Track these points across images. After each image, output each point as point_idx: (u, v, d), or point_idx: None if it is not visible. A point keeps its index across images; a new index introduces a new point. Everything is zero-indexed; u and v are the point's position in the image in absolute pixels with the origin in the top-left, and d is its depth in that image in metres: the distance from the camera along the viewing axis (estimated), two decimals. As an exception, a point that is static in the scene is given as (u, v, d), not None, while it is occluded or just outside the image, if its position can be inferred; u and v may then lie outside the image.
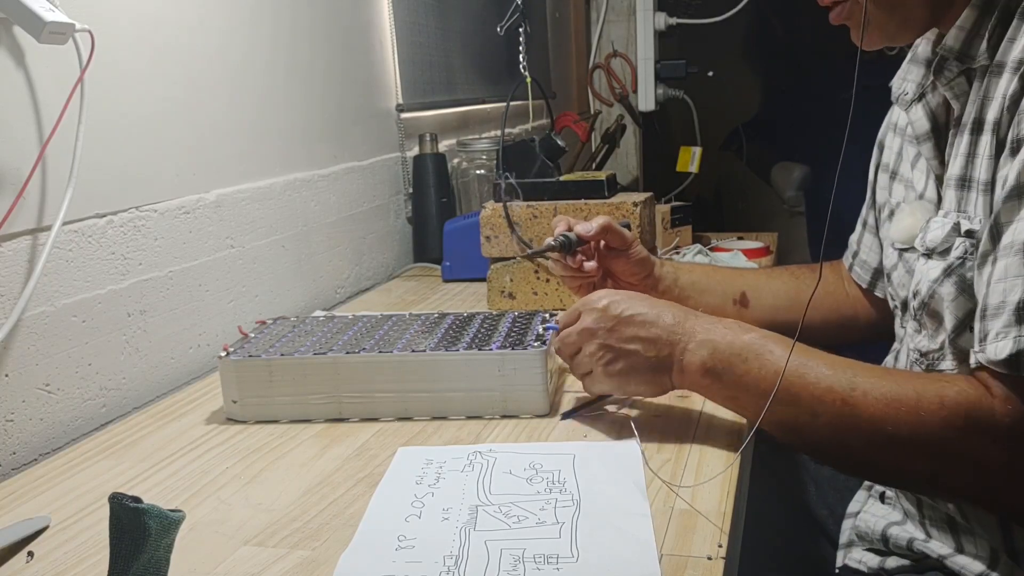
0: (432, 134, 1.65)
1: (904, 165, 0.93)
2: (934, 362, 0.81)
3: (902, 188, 0.93)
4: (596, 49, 2.25)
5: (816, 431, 0.74)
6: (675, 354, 0.80)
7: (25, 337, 0.88)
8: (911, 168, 0.91)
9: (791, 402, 0.74)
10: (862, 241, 1.06)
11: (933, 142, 0.84)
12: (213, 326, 1.14)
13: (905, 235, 0.86)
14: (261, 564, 0.64)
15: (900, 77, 0.90)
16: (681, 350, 0.80)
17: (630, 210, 1.22)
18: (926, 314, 0.80)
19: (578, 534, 0.66)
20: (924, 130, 0.85)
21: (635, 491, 0.71)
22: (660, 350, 0.81)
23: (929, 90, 0.85)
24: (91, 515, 0.73)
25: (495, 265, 1.29)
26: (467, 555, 0.63)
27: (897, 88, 0.90)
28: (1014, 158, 0.69)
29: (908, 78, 0.88)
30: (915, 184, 0.89)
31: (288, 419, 0.91)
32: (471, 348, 0.89)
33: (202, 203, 1.13)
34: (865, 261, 1.05)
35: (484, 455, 0.80)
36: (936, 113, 0.84)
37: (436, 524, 0.68)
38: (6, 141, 0.86)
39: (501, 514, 0.69)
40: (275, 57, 1.28)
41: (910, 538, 0.88)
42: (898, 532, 0.89)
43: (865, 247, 1.05)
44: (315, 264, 1.38)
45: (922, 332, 0.82)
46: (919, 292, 0.81)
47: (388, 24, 1.60)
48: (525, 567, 0.61)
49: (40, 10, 0.82)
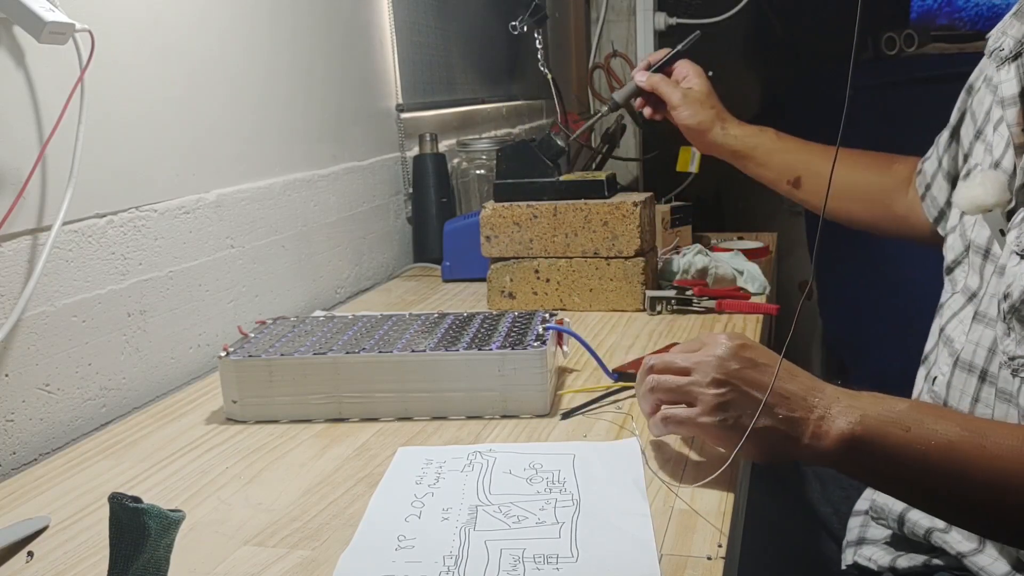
0: (432, 134, 1.65)
1: (989, 126, 0.88)
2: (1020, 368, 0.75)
3: (982, 150, 0.88)
4: (596, 49, 2.25)
5: (1000, 509, 0.67)
6: (811, 418, 0.69)
7: (25, 337, 0.88)
8: (993, 131, 0.86)
9: (959, 476, 0.66)
10: (936, 178, 1.01)
11: (1019, 107, 0.79)
12: (213, 326, 1.14)
13: (970, 205, 0.80)
14: (261, 564, 0.64)
15: (999, 30, 0.85)
16: (819, 416, 0.69)
17: (630, 210, 1.22)
18: (1017, 319, 0.74)
19: (578, 534, 0.66)
20: (1012, 93, 0.80)
21: (635, 491, 0.71)
22: (792, 409, 0.69)
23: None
24: (91, 515, 0.73)
25: (495, 265, 1.29)
26: (467, 555, 0.63)
27: (994, 41, 0.85)
28: None
29: (1008, 32, 0.83)
30: (993, 149, 0.84)
31: (288, 419, 0.91)
32: (471, 348, 0.89)
33: (202, 203, 1.13)
34: (936, 197, 1.01)
35: (484, 455, 0.80)
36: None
37: (436, 524, 0.68)
38: (6, 141, 0.86)
39: (501, 514, 0.69)
40: (275, 57, 1.28)
41: (929, 527, 0.85)
42: (917, 517, 0.87)
43: (937, 186, 1.01)
44: (315, 264, 1.38)
45: (1011, 335, 0.76)
46: (1011, 295, 0.74)
47: (388, 24, 1.60)
48: (525, 567, 0.61)
49: (40, 10, 0.82)
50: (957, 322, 0.85)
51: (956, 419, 0.69)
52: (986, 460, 0.66)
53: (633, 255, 1.24)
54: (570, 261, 1.26)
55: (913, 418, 0.68)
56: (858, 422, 0.68)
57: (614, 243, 1.24)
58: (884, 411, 0.69)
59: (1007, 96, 0.81)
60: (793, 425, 0.69)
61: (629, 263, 1.24)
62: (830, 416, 0.69)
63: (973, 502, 0.68)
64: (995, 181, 0.80)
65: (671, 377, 0.73)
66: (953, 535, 0.83)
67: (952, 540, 0.83)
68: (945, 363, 0.85)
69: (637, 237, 1.22)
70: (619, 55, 2.21)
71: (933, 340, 0.91)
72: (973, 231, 0.85)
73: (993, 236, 0.82)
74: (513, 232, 1.27)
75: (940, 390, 0.85)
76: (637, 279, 1.24)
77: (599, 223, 1.23)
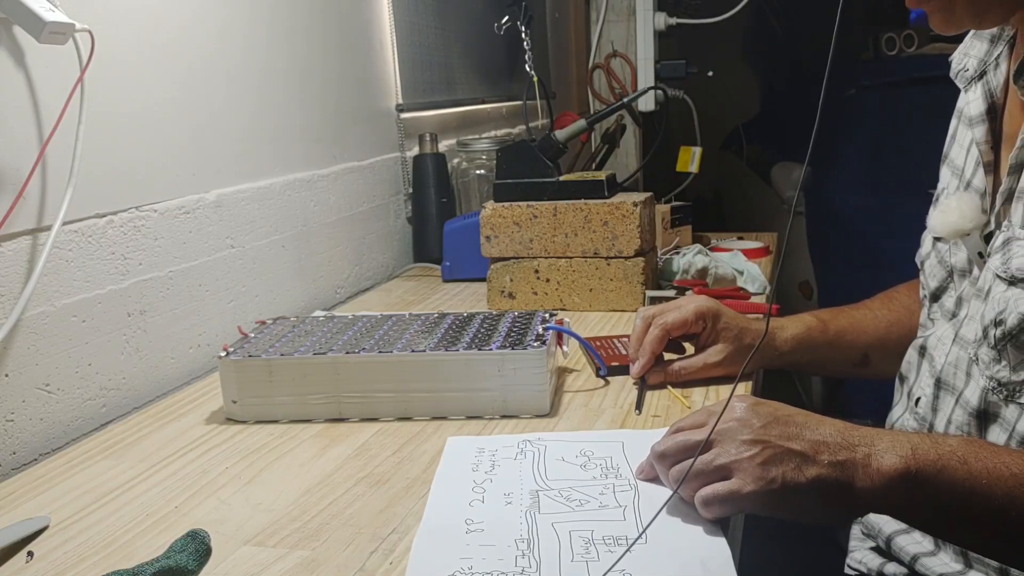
0: (432, 134, 1.65)
1: (956, 148, 0.87)
2: (1013, 394, 0.73)
3: (948, 174, 0.88)
4: (596, 49, 2.25)
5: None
6: (856, 458, 0.63)
7: (25, 337, 0.88)
8: (965, 152, 0.84)
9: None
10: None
11: (987, 125, 0.79)
12: (213, 326, 1.14)
13: (948, 231, 0.79)
14: (261, 564, 0.64)
15: (961, 52, 0.85)
16: (865, 454, 0.63)
17: (630, 210, 1.22)
18: (1012, 346, 0.72)
19: (643, 517, 0.66)
20: (979, 111, 0.80)
21: None
22: (835, 453, 0.63)
23: (991, 68, 0.80)
24: (91, 515, 0.73)
25: (495, 265, 1.29)
26: (537, 537, 0.64)
27: (957, 64, 0.85)
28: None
29: (970, 53, 0.83)
30: (965, 170, 0.83)
31: (288, 419, 0.91)
32: (471, 348, 0.89)
33: (202, 203, 1.13)
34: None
35: (533, 443, 0.81)
36: (995, 94, 0.79)
37: (500, 508, 0.69)
38: (6, 141, 0.86)
39: (562, 498, 0.70)
40: (275, 57, 1.28)
41: (916, 553, 0.84)
42: (904, 543, 0.86)
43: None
44: (315, 264, 1.38)
45: (1002, 362, 0.73)
46: (1004, 322, 0.72)
47: (388, 24, 1.60)
48: (597, 550, 0.62)
49: (40, 10, 0.82)
50: (937, 340, 0.85)
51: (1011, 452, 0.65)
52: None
53: (633, 255, 1.24)
54: (570, 261, 1.26)
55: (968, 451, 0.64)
56: (910, 455, 0.63)
57: (614, 243, 1.23)
58: (935, 444, 0.64)
59: (974, 115, 0.81)
60: (843, 468, 0.63)
61: (629, 263, 1.24)
62: (877, 453, 0.64)
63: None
64: (970, 204, 0.79)
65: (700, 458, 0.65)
66: (935, 560, 0.82)
67: (933, 564, 0.82)
68: (927, 383, 0.85)
69: (637, 237, 1.22)
70: (619, 55, 2.21)
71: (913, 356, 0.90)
72: (951, 256, 0.85)
73: (971, 259, 0.81)
74: (513, 232, 1.27)
75: (925, 412, 0.84)
76: (637, 279, 1.24)
77: (599, 223, 1.23)
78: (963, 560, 0.81)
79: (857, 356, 1.00)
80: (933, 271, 0.87)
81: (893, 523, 0.88)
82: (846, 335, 1.00)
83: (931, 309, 0.88)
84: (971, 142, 0.83)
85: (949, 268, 0.85)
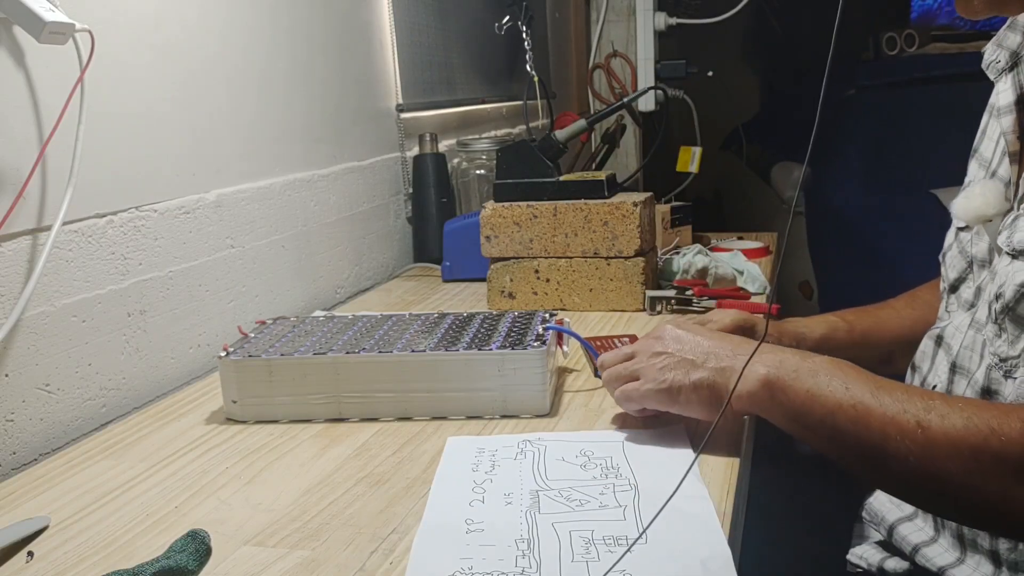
0: (432, 134, 1.65)
1: (985, 142, 0.88)
2: (1012, 369, 0.75)
3: (976, 166, 0.88)
4: (596, 49, 2.25)
5: (888, 459, 0.68)
6: (735, 365, 0.76)
7: (25, 337, 0.88)
8: (994, 144, 0.85)
9: (860, 422, 0.69)
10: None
11: (1015, 115, 0.79)
12: (213, 326, 1.14)
13: (971, 216, 0.81)
14: (261, 564, 0.64)
15: (995, 43, 0.85)
16: (742, 363, 0.75)
17: (630, 210, 1.22)
18: (1010, 319, 0.74)
19: (643, 517, 0.67)
20: (1008, 102, 0.80)
21: (690, 474, 0.71)
22: (719, 361, 0.78)
23: (1023, 59, 0.80)
24: (91, 515, 0.73)
25: (495, 265, 1.29)
26: (537, 537, 0.64)
27: (989, 55, 0.85)
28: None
29: (1003, 44, 0.83)
30: (992, 161, 0.84)
31: (288, 419, 0.91)
32: (471, 348, 0.89)
33: (202, 203, 1.13)
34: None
35: (533, 443, 0.81)
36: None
37: (500, 508, 0.69)
38: (6, 141, 0.86)
39: (562, 498, 0.70)
40: (275, 57, 1.28)
41: (916, 544, 0.85)
42: (907, 532, 0.87)
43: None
44: (315, 264, 1.38)
45: (1002, 336, 0.75)
46: (1003, 295, 0.74)
47: (388, 24, 1.60)
48: (597, 550, 0.62)
49: (40, 10, 0.82)
50: (954, 329, 0.85)
51: (862, 373, 0.72)
52: (877, 419, 0.68)
53: (633, 255, 1.24)
54: (570, 261, 1.26)
55: (824, 367, 0.73)
56: (776, 366, 0.74)
57: (614, 243, 1.24)
58: (802, 359, 0.74)
59: (1003, 105, 0.81)
60: (721, 374, 0.77)
61: (629, 263, 1.24)
62: (753, 363, 0.75)
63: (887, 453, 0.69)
64: (994, 191, 0.80)
65: (620, 365, 0.83)
66: (935, 548, 0.84)
67: (932, 554, 0.83)
68: (943, 369, 0.85)
69: (637, 237, 1.22)
70: (619, 55, 2.21)
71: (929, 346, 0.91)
72: (972, 246, 0.85)
73: (992, 247, 0.81)
74: (513, 232, 1.27)
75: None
76: (637, 279, 1.24)
77: (599, 223, 1.24)
78: (959, 547, 0.82)
79: (883, 354, 1.03)
80: (954, 262, 0.87)
81: (896, 511, 0.90)
82: (871, 335, 1.03)
83: (948, 301, 0.89)
84: (999, 133, 0.84)
85: (969, 259, 0.86)
